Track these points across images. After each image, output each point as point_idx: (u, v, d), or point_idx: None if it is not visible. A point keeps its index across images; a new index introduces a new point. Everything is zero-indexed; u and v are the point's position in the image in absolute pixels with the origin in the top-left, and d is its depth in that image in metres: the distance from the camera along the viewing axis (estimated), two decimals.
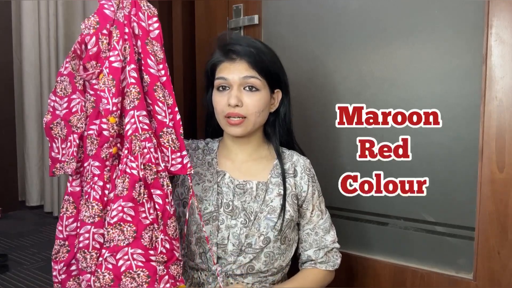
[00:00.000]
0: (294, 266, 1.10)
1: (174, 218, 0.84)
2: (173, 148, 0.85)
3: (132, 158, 0.81)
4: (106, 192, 0.83)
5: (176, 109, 0.86)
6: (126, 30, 0.83)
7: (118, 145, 0.84)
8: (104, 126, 0.82)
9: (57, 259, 0.88)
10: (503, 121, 1.04)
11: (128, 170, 0.81)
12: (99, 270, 0.80)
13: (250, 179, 1.02)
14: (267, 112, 1.03)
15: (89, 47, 0.84)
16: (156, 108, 0.84)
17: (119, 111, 0.83)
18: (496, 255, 1.06)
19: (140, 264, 0.80)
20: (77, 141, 0.86)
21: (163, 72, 0.86)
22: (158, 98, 0.84)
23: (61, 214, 0.88)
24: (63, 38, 2.96)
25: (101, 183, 0.82)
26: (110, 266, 0.80)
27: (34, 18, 2.96)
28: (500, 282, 1.06)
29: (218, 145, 1.08)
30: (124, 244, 0.80)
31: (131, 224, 0.80)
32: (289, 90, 1.07)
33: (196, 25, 1.62)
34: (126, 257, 0.80)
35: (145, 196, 0.81)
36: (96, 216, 0.82)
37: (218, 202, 0.99)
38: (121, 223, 0.80)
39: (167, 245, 0.82)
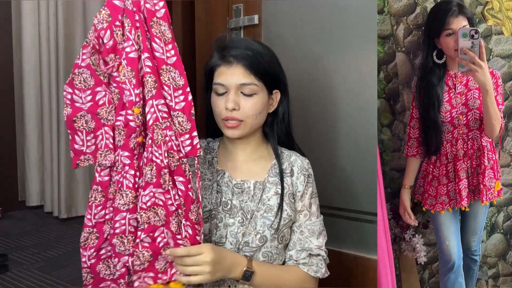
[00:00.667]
0: None
1: (195, 203, 0.87)
2: (180, 131, 0.86)
3: (156, 148, 0.83)
4: (137, 179, 0.85)
5: (188, 89, 0.87)
6: (137, 17, 0.83)
7: (143, 133, 0.86)
8: (130, 117, 0.84)
9: (86, 246, 0.90)
10: None
11: (154, 158, 0.83)
12: (136, 249, 0.84)
13: (248, 179, 1.02)
14: (265, 113, 1.03)
15: (105, 41, 0.84)
16: (163, 92, 0.85)
17: (141, 101, 0.84)
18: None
19: (173, 244, 0.85)
20: (111, 133, 0.88)
21: (173, 52, 0.85)
22: (164, 82, 0.85)
23: (89, 204, 0.89)
24: (63, 38, 2.96)
25: (132, 172, 0.85)
26: (146, 244, 0.84)
27: (34, 18, 2.97)
28: None
29: (218, 145, 1.09)
30: (160, 224, 0.84)
31: (162, 208, 0.84)
32: (288, 91, 1.07)
33: (196, 25, 1.62)
34: (163, 235, 0.84)
35: (170, 183, 0.84)
36: (130, 203, 0.85)
37: (217, 200, 1.00)
38: (155, 207, 0.83)
39: (190, 231, 0.85)
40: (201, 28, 1.61)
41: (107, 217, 0.89)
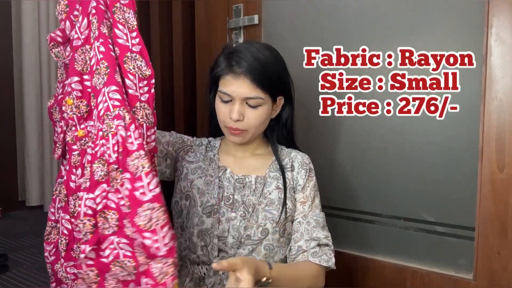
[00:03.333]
0: None
1: (148, 205, 0.73)
2: (148, 124, 0.79)
3: (104, 141, 0.75)
4: (73, 177, 0.78)
5: (153, 81, 0.81)
6: (94, 4, 0.79)
7: (89, 128, 0.80)
8: (63, 108, 0.80)
9: (48, 240, 0.88)
10: (503, 121, 1.04)
11: (105, 154, 0.75)
12: (80, 271, 0.75)
13: (249, 174, 1.04)
14: (268, 121, 1.05)
15: (67, 32, 0.82)
16: (127, 81, 0.78)
17: (75, 92, 0.79)
18: (496, 255, 1.06)
19: (128, 253, 0.73)
20: (65, 128, 0.84)
21: (137, 40, 0.80)
22: (128, 70, 0.79)
23: (53, 197, 0.86)
24: None
25: (67, 167, 0.80)
26: (91, 262, 0.74)
27: (34, 18, 2.96)
28: (500, 282, 1.06)
29: (220, 143, 1.12)
30: (110, 232, 0.74)
31: (115, 212, 0.74)
32: (293, 97, 1.08)
33: (196, 25, 1.62)
34: (112, 246, 0.74)
35: (119, 181, 0.74)
36: (62, 201, 0.81)
37: (219, 195, 1.01)
38: (105, 211, 0.74)
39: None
40: (201, 28, 1.61)
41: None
